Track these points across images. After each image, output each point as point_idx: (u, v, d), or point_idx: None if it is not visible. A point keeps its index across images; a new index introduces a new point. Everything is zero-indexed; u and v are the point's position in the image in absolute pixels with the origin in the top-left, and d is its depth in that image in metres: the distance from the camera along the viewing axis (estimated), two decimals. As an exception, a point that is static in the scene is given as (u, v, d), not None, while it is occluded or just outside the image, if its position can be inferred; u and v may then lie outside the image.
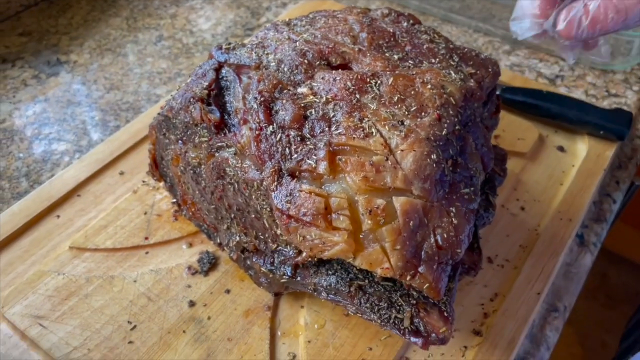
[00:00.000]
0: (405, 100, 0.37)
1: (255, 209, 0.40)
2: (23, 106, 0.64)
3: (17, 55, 0.70)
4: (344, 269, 0.39)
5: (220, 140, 0.41)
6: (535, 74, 0.70)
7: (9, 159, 0.58)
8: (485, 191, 0.44)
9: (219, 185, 0.42)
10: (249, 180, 0.39)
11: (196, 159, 0.43)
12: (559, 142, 0.59)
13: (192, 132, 0.43)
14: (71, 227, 0.51)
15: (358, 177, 0.34)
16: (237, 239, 0.44)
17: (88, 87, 0.67)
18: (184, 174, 0.46)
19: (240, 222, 0.43)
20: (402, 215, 0.33)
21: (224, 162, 0.40)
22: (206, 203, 0.45)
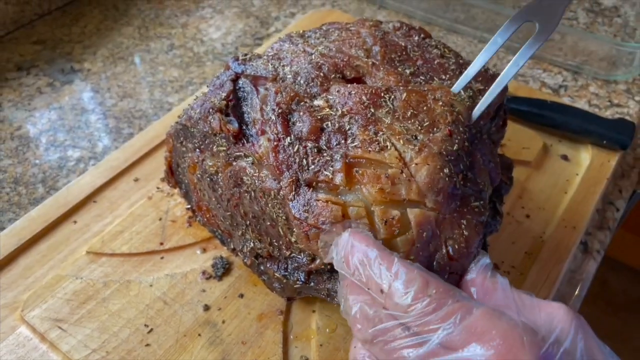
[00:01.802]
0: (418, 116, 0.39)
1: (270, 217, 0.41)
2: (38, 113, 0.66)
3: (32, 63, 0.72)
4: None
5: (238, 150, 0.42)
6: (539, 83, 0.72)
7: (25, 165, 0.60)
8: (492, 199, 0.46)
9: (235, 193, 0.43)
10: (265, 189, 0.40)
11: (213, 167, 0.45)
12: (563, 151, 0.61)
13: (210, 141, 0.44)
14: (88, 233, 0.52)
15: (374, 189, 0.35)
16: (252, 245, 0.45)
17: (102, 95, 0.68)
18: (201, 182, 0.47)
19: (255, 229, 0.44)
20: (416, 226, 0.34)
21: (241, 171, 0.42)
22: (222, 210, 0.46)
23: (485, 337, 0.29)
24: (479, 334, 0.29)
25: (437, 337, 0.30)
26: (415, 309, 0.30)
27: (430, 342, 0.30)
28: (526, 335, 0.29)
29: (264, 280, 0.46)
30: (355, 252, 0.33)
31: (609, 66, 0.71)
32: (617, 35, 0.79)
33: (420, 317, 0.30)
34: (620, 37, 0.79)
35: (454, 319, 0.30)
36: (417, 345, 0.30)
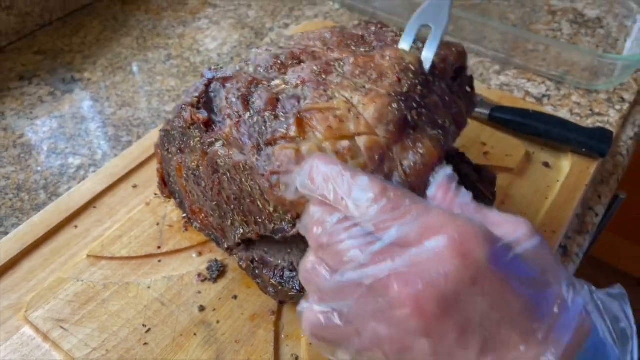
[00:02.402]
0: (367, 72, 0.42)
1: (248, 193, 0.43)
2: (40, 122, 0.68)
3: (33, 72, 0.74)
4: None
5: (210, 137, 0.45)
6: (523, 93, 0.74)
7: (28, 172, 0.62)
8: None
9: (215, 180, 0.46)
10: (236, 164, 0.43)
11: (194, 162, 0.47)
12: (544, 159, 0.63)
13: (187, 137, 0.48)
14: (88, 237, 0.54)
15: (323, 128, 0.38)
16: (241, 231, 0.47)
17: (101, 104, 0.71)
18: (188, 182, 0.50)
19: (240, 212, 0.46)
20: (367, 151, 0.37)
21: (215, 155, 0.45)
22: (209, 202, 0.49)
23: (440, 231, 0.28)
24: (434, 229, 0.29)
25: (391, 235, 0.29)
26: (372, 210, 0.30)
27: (383, 240, 0.29)
28: (481, 231, 0.29)
29: (258, 283, 0.48)
30: (321, 169, 0.33)
31: (590, 76, 0.74)
32: (600, 46, 0.82)
33: (376, 218, 0.30)
34: (603, 48, 0.82)
35: (410, 217, 0.29)
36: (369, 244, 0.29)
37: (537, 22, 0.87)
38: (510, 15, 0.88)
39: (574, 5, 0.90)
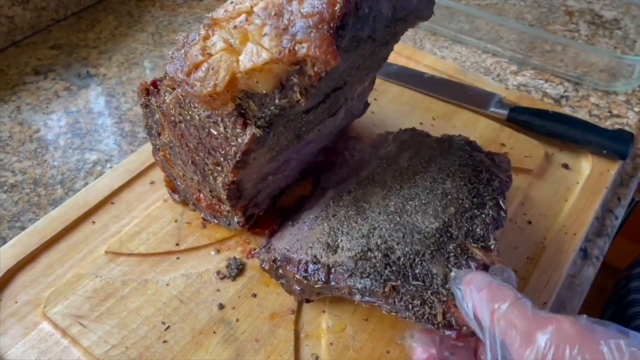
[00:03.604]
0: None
1: (201, 125, 0.44)
2: (56, 117, 0.68)
3: (49, 67, 0.74)
4: (377, 272, 0.42)
5: (160, 95, 0.46)
6: (541, 94, 0.74)
7: (45, 167, 0.62)
8: (495, 196, 0.48)
9: (178, 134, 0.47)
10: (177, 99, 0.44)
11: (165, 135, 0.49)
12: (564, 160, 0.63)
13: (152, 118, 0.49)
14: (106, 233, 0.54)
15: (219, 15, 0.40)
16: (220, 179, 0.47)
17: (117, 99, 0.70)
18: (174, 163, 0.51)
19: (208, 154, 0.46)
20: (262, 11, 0.38)
21: (167, 108, 0.46)
22: (190, 169, 0.49)
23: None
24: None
25: None
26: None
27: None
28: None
29: (282, 283, 0.48)
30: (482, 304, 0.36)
31: (609, 77, 0.74)
32: (618, 48, 0.82)
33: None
34: (621, 50, 0.81)
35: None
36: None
37: (554, 22, 0.86)
38: (526, 15, 0.87)
39: (591, 6, 0.89)
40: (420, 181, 0.49)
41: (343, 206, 0.49)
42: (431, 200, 0.47)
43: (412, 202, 0.47)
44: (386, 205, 0.48)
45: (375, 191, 0.50)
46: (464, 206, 0.47)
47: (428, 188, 0.48)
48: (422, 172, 0.50)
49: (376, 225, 0.46)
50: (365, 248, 0.44)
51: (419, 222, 0.46)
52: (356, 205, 0.49)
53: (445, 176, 0.49)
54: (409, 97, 0.69)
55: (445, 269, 0.42)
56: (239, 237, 0.54)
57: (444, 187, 0.48)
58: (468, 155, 0.52)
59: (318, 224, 0.48)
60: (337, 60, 0.37)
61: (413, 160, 0.52)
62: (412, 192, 0.48)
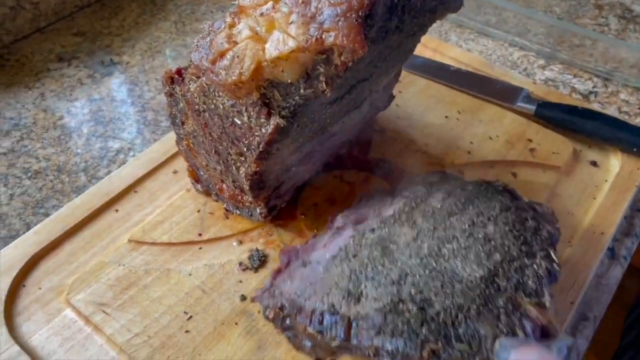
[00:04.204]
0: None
1: (225, 114, 0.43)
2: (79, 104, 0.68)
3: (73, 54, 0.74)
4: (412, 331, 0.36)
5: (185, 84, 0.46)
6: (569, 89, 0.72)
7: (68, 155, 0.62)
8: (545, 247, 0.43)
9: (202, 123, 0.46)
10: (201, 88, 0.44)
11: (189, 124, 0.48)
12: (592, 157, 0.62)
13: (176, 107, 0.49)
14: (129, 221, 0.54)
15: (246, 3, 0.40)
16: (243, 169, 0.46)
17: (140, 87, 0.70)
18: (198, 153, 0.50)
19: (231, 144, 0.45)
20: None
21: (192, 96, 0.45)
22: (213, 159, 0.48)
23: None
24: None
25: None
26: None
27: None
28: None
29: (289, 337, 0.42)
30: None
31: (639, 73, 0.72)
32: (649, 43, 0.80)
33: None
34: (652, 45, 0.79)
35: None
36: None
37: (583, 16, 0.84)
38: (555, 8, 0.85)
39: (622, 0, 0.87)
40: (457, 223, 0.42)
41: (366, 245, 0.42)
42: (472, 245, 0.40)
43: (450, 246, 0.40)
44: (418, 247, 0.41)
45: (404, 231, 0.42)
46: (511, 254, 0.40)
47: (467, 231, 0.41)
48: (458, 213, 0.43)
49: (408, 270, 0.39)
50: (396, 298, 0.37)
51: (459, 269, 0.39)
52: (382, 245, 0.42)
53: (486, 220, 0.42)
54: (434, 90, 0.68)
55: (495, 329, 0.36)
56: (261, 228, 0.54)
57: (486, 232, 0.41)
58: (509, 201, 0.45)
59: (336, 264, 0.42)
60: (364, 50, 0.36)
61: (447, 201, 0.44)
62: (448, 234, 0.41)
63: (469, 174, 0.59)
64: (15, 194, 0.58)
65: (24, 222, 0.55)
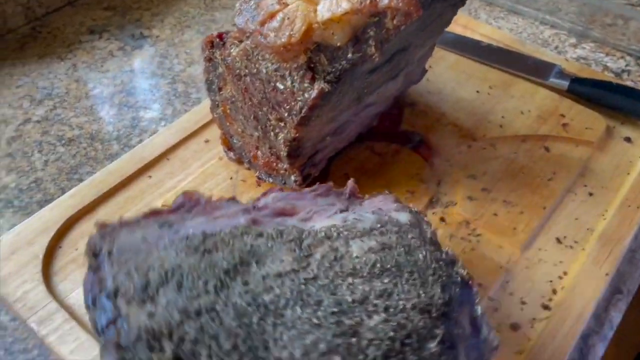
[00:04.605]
0: None
1: (267, 79, 0.43)
2: (111, 75, 0.68)
3: (103, 28, 0.75)
4: None
5: (226, 48, 0.46)
6: (601, 67, 0.71)
7: (100, 124, 0.63)
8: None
9: (242, 88, 0.46)
10: (245, 51, 0.44)
11: (228, 89, 0.48)
12: (625, 134, 0.61)
13: (217, 69, 0.49)
14: (162, 187, 0.55)
15: None
16: (282, 135, 0.46)
17: (170, 60, 0.71)
18: (235, 119, 0.50)
19: (272, 110, 0.45)
20: None
21: (233, 60, 0.45)
22: (251, 124, 0.49)
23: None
24: None
25: None
26: None
27: None
28: None
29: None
30: None
31: (674, 52, 0.71)
32: (683, 23, 0.78)
33: None
34: (686, 25, 0.78)
35: None
36: None
37: (616, -5, 0.83)
38: (586, -13, 0.84)
39: (655, -20, 0.85)
40: (356, 289, 0.32)
41: (229, 247, 0.34)
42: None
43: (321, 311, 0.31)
44: (286, 287, 0.32)
45: (286, 257, 0.34)
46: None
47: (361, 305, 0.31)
48: (366, 278, 0.33)
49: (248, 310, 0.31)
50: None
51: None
52: (242, 256, 0.34)
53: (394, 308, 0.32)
54: (465, 65, 0.67)
55: None
56: (292, 197, 0.54)
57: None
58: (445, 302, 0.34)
59: (184, 249, 0.34)
60: (419, 13, 0.36)
61: (368, 257, 0.34)
62: (336, 296, 0.32)
63: (501, 148, 0.58)
64: (50, 160, 0.59)
65: (58, 187, 0.56)
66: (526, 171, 0.56)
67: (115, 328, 0.30)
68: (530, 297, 0.47)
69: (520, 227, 0.52)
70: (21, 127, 0.62)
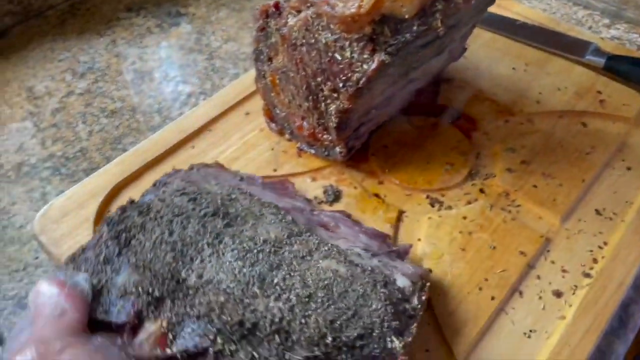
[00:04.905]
0: None
1: (325, 49, 0.44)
2: (150, 51, 0.70)
3: (140, 5, 0.76)
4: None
5: (282, 18, 0.46)
6: (635, 47, 0.71)
7: (142, 97, 0.64)
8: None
9: (297, 58, 0.47)
10: (305, 21, 0.44)
11: (279, 59, 0.49)
12: (663, 111, 0.61)
13: (269, 39, 0.49)
14: (205, 157, 0.56)
15: None
16: (334, 106, 0.47)
17: (207, 37, 0.72)
18: (283, 90, 0.51)
19: (326, 80, 0.46)
20: None
21: (290, 30, 0.46)
22: (302, 94, 0.49)
23: None
24: None
25: None
26: None
27: None
28: None
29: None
30: None
31: None
32: None
33: None
34: None
35: None
36: None
37: (649, -23, 0.82)
38: (619, -31, 0.84)
39: (688, -37, 0.85)
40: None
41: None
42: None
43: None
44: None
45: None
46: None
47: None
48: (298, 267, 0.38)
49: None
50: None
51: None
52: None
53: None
54: (500, 43, 0.68)
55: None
56: (333, 167, 0.55)
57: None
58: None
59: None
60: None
61: (297, 247, 0.40)
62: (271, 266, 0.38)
63: (539, 123, 0.59)
64: (94, 130, 0.60)
65: (103, 156, 0.57)
66: (564, 145, 0.57)
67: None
68: (571, 266, 0.48)
69: (559, 199, 0.52)
70: (65, 99, 0.63)
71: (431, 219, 0.51)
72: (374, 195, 0.52)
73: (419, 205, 0.52)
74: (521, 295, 0.46)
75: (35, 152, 0.57)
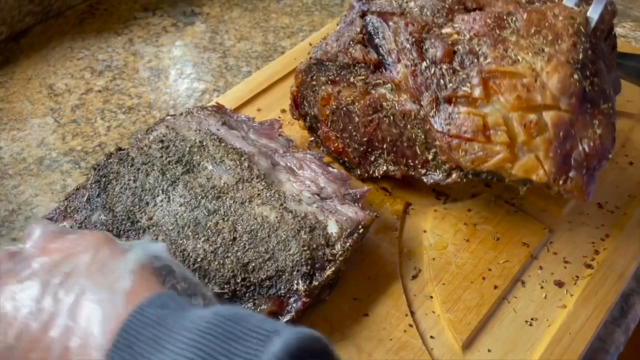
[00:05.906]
0: (542, 32, 0.43)
1: (408, 138, 0.46)
2: (165, 49, 0.72)
3: (156, 5, 0.78)
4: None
5: (377, 78, 0.46)
6: (641, 45, 0.72)
7: (158, 93, 0.66)
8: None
9: (374, 120, 0.48)
10: (405, 111, 0.44)
11: (350, 97, 0.49)
12: (666, 107, 0.62)
13: (346, 72, 0.49)
14: (219, 151, 0.58)
15: (512, 97, 0.39)
16: (385, 168, 0.50)
17: (221, 36, 0.74)
18: (334, 113, 0.52)
19: (392, 152, 0.48)
20: (553, 127, 0.38)
21: (381, 97, 0.46)
22: (357, 137, 0.51)
23: None
24: None
25: None
26: None
27: None
28: None
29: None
30: None
31: None
32: None
33: None
34: None
35: None
36: None
37: (656, -24, 0.83)
38: (627, -31, 0.85)
39: (696, -38, 0.86)
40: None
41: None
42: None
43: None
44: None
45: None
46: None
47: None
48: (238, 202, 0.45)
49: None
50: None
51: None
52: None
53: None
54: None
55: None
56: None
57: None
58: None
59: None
60: (583, 200, 0.41)
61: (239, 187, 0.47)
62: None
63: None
64: (112, 126, 0.62)
65: (121, 150, 0.60)
66: (568, 140, 0.58)
67: None
68: (573, 257, 0.49)
69: (562, 192, 0.53)
70: (84, 96, 0.66)
71: (437, 211, 0.52)
72: (382, 188, 0.54)
73: (425, 198, 0.53)
74: (523, 284, 0.48)
75: (56, 147, 0.60)
